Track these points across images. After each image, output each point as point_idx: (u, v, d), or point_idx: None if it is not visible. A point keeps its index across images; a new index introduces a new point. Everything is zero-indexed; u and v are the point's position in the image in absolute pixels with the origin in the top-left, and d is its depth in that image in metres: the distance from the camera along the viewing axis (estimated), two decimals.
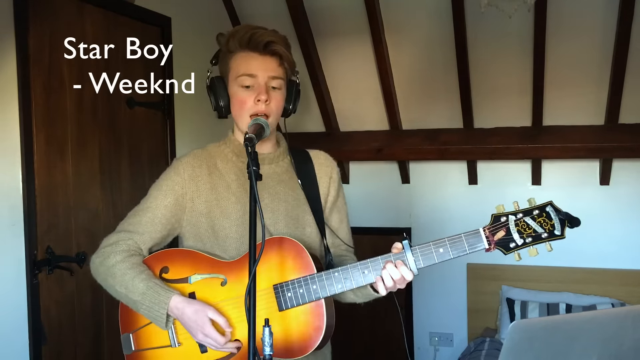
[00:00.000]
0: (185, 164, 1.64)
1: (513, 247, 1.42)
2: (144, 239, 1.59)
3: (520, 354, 1.15)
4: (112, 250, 1.58)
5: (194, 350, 1.55)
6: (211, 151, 1.69)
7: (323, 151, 1.79)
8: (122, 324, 1.64)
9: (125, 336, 1.62)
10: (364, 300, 1.62)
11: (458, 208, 4.04)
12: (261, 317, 1.45)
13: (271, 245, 1.51)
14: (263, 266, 1.51)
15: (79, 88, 2.66)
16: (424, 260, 1.45)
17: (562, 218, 1.39)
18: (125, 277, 1.53)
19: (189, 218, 1.62)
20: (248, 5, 3.74)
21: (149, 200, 1.63)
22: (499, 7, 2.86)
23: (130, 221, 1.62)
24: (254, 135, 1.44)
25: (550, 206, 1.40)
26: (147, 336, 1.59)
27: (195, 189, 1.62)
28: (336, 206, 1.75)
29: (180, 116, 3.29)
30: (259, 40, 1.54)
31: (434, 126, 3.93)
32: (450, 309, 4.18)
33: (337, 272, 1.48)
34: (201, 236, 1.61)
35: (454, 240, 1.44)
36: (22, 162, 2.39)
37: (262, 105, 1.56)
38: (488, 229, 1.43)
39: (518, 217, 1.41)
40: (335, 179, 1.75)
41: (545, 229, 1.40)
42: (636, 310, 1.19)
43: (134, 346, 1.61)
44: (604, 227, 3.81)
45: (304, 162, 1.72)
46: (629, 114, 3.54)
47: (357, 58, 3.77)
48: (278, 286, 1.50)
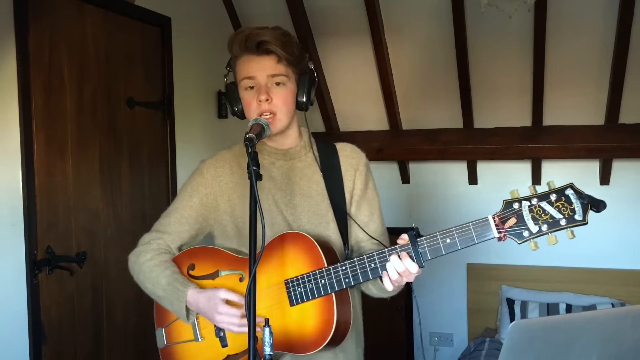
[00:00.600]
0: (208, 165, 1.70)
1: (527, 235, 1.30)
2: (172, 239, 1.67)
3: (520, 354, 1.15)
4: (144, 249, 1.67)
5: (215, 344, 1.60)
6: (236, 151, 1.73)
7: (351, 144, 1.76)
8: (156, 319, 1.72)
9: (159, 331, 1.70)
10: (385, 295, 1.61)
11: (458, 208, 4.04)
12: (274, 312, 1.52)
13: (284, 240, 1.54)
14: (276, 261, 1.54)
15: (79, 88, 2.66)
16: (431, 252, 1.40)
17: (585, 202, 1.27)
18: (152, 274, 1.62)
19: (215, 217, 1.68)
20: (248, 5, 3.74)
21: (177, 201, 1.71)
22: (499, 7, 2.86)
23: (161, 222, 1.71)
24: (254, 136, 1.44)
25: (571, 189, 1.29)
26: (176, 331, 1.67)
27: (218, 188, 1.67)
28: (365, 199, 1.71)
29: (180, 116, 3.29)
30: (253, 41, 1.56)
31: (434, 126, 3.93)
32: (450, 309, 4.18)
33: (344, 266, 1.48)
34: (228, 234, 1.67)
35: (462, 229, 1.36)
36: (22, 162, 2.39)
37: (264, 105, 1.57)
38: (498, 216, 1.33)
39: (533, 203, 1.29)
40: (363, 171, 1.71)
41: (564, 214, 1.27)
42: (636, 310, 1.19)
43: (165, 340, 1.68)
44: (604, 227, 3.81)
45: (330, 155, 1.70)
46: (629, 114, 3.54)
47: (357, 58, 3.77)
48: (289, 281, 1.52)
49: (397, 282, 1.46)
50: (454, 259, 4.02)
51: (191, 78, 3.41)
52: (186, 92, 3.36)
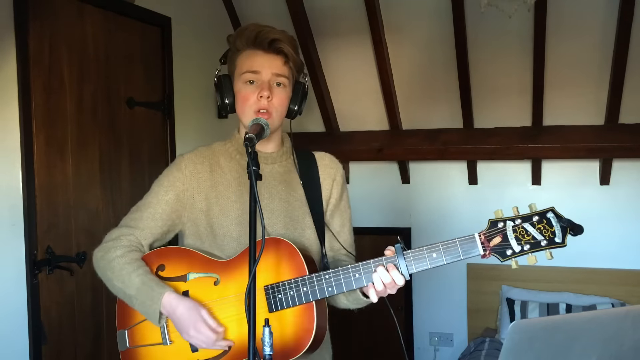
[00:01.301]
0: (187, 160, 1.66)
1: (510, 254, 1.36)
2: (144, 235, 1.61)
3: (520, 354, 1.15)
4: (113, 245, 1.60)
5: (184, 349, 1.54)
6: (215, 149, 1.70)
7: (329, 153, 1.77)
8: (118, 320, 1.65)
9: (121, 332, 1.63)
10: (356, 306, 1.61)
11: (458, 208, 4.04)
12: None
13: (265, 246, 1.50)
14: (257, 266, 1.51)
15: (79, 88, 2.67)
16: (417, 265, 1.41)
17: (564, 225, 1.33)
18: (122, 272, 1.55)
19: (189, 215, 1.63)
20: (248, 5, 3.74)
21: (150, 195, 1.65)
22: (499, 7, 2.86)
23: (132, 216, 1.64)
24: (254, 135, 1.44)
25: (552, 212, 1.34)
26: (141, 333, 1.60)
27: (196, 185, 1.63)
28: (339, 209, 1.72)
29: (180, 116, 3.29)
30: (264, 37, 1.55)
31: (434, 126, 3.93)
32: (450, 309, 4.18)
33: (328, 274, 1.46)
34: (200, 234, 1.62)
35: (448, 245, 1.39)
36: (22, 162, 2.39)
37: (264, 101, 1.55)
38: (484, 234, 1.37)
39: (516, 223, 1.35)
40: (339, 181, 1.72)
41: (545, 236, 1.34)
42: (636, 310, 1.19)
43: (128, 343, 1.62)
44: (604, 227, 3.81)
45: (308, 163, 1.70)
46: (629, 114, 3.54)
47: (357, 58, 3.77)
48: (269, 287, 1.49)
49: (381, 294, 1.47)
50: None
51: (191, 78, 3.41)
52: (186, 92, 3.36)
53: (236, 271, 1.52)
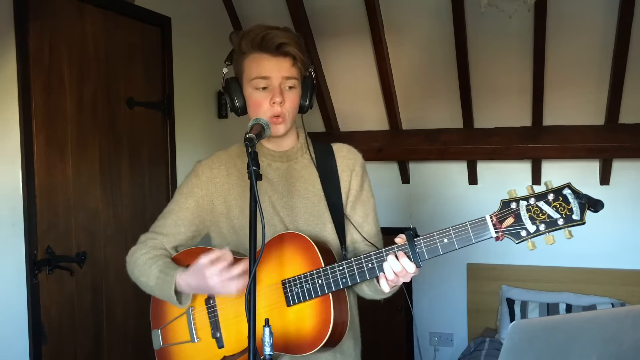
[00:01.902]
0: (204, 167, 1.70)
1: (525, 235, 1.30)
2: (168, 240, 1.67)
3: (520, 354, 1.15)
4: (140, 247, 1.68)
5: (211, 346, 1.60)
6: (233, 152, 1.72)
7: (347, 145, 1.76)
8: (152, 320, 1.71)
9: (155, 332, 1.68)
10: (380, 296, 1.60)
11: (458, 208, 4.04)
12: (271, 313, 1.51)
13: (282, 240, 1.54)
14: (274, 261, 1.54)
15: (79, 88, 2.66)
16: (428, 252, 1.40)
17: (582, 202, 1.26)
18: (145, 266, 1.62)
19: (211, 219, 1.68)
20: (248, 5, 3.74)
21: (173, 203, 1.71)
22: (499, 7, 2.86)
23: (157, 223, 1.71)
24: (254, 136, 1.44)
25: (568, 188, 1.28)
26: (173, 332, 1.66)
27: (213, 190, 1.67)
28: (360, 200, 1.70)
29: (180, 116, 3.29)
30: (271, 41, 1.54)
31: (434, 126, 3.93)
32: (450, 309, 4.18)
33: (342, 266, 1.47)
34: (224, 236, 1.67)
35: (459, 229, 1.36)
36: (22, 162, 2.39)
37: (277, 107, 1.56)
38: (495, 215, 1.32)
39: (530, 202, 1.29)
40: (359, 171, 1.71)
41: (561, 214, 1.27)
42: (636, 310, 1.19)
43: (161, 342, 1.67)
44: (604, 227, 3.81)
45: (326, 156, 1.70)
46: (629, 114, 3.54)
47: (357, 58, 3.77)
48: (286, 281, 1.52)
49: (394, 282, 1.46)
50: (454, 259, 4.03)
51: (191, 78, 3.41)
52: (186, 92, 3.36)
53: (261, 265, 1.54)
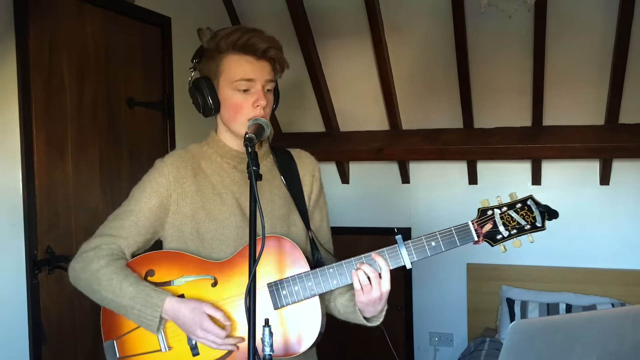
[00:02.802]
0: (169, 166, 1.61)
1: (500, 238, 1.47)
2: (127, 243, 1.56)
3: (520, 354, 1.15)
4: (94, 255, 1.53)
5: (185, 354, 1.51)
6: (194, 152, 1.66)
7: (304, 150, 1.76)
8: (104, 330, 1.59)
9: (109, 343, 1.57)
10: (350, 320, 1.61)
11: (458, 208, 4.03)
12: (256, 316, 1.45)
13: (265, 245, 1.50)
14: None
15: (79, 88, 2.67)
16: (417, 254, 1.47)
17: (542, 210, 1.45)
18: (112, 282, 1.50)
19: (172, 221, 1.58)
20: (248, 5, 3.74)
21: (132, 202, 1.59)
22: (499, 7, 2.86)
23: (112, 225, 1.57)
24: (254, 135, 1.44)
25: (531, 200, 1.47)
26: (133, 342, 1.54)
27: (180, 191, 1.58)
28: (318, 205, 1.73)
29: (180, 116, 3.29)
30: (257, 45, 1.53)
31: (434, 126, 3.93)
32: (450, 309, 4.18)
33: (332, 268, 1.48)
34: (185, 239, 1.57)
35: (445, 233, 1.48)
36: (22, 162, 2.39)
37: (260, 110, 1.55)
38: (476, 222, 1.48)
39: (503, 210, 1.47)
40: (318, 177, 1.73)
41: (527, 221, 1.46)
42: (636, 310, 1.19)
43: (118, 353, 1.56)
44: (604, 227, 3.81)
45: (287, 161, 1.70)
46: (629, 114, 3.54)
47: (357, 58, 3.77)
48: (272, 284, 1.50)
49: (367, 292, 1.46)
50: (454, 259, 4.03)
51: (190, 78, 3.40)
52: (186, 92, 3.34)
53: (233, 271, 1.51)
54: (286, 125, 4.23)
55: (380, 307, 1.52)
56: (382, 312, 1.55)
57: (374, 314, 1.55)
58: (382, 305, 1.51)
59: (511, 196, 1.48)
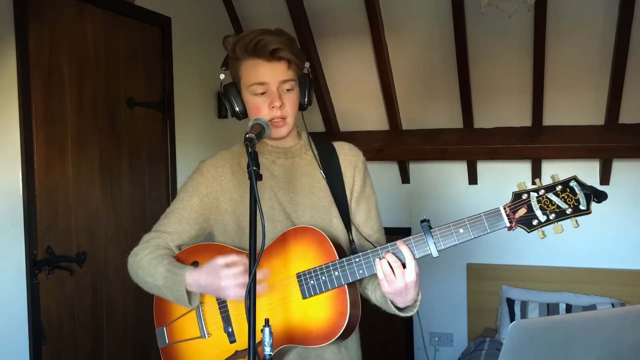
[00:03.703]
0: (208, 165, 1.71)
1: (536, 224, 1.38)
2: (172, 238, 1.67)
3: (520, 354, 1.15)
4: (142, 247, 1.67)
5: (223, 341, 1.60)
6: (235, 151, 1.74)
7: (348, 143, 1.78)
8: (156, 318, 1.71)
9: (160, 330, 1.68)
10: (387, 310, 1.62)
11: (458, 208, 4.04)
12: (285, 306, 1.53)
13: (293, 235, 1.56)
14: (286, 255, 1.55)
15: (79, 88, 2.67)
16: (444, 242, 1.44)
17: (588, 192, 1.35)
18: (150, 266, 1.61)
19: (216, 217, 1.69)
20: (248, 5, 3.74)
21: (177, 201, 1.71)
22: (499, 7, 2.86)
23: (160, 222, 1.71)
24: (254, 135, 1.45)
25: (574, 181, 1.37)
26: (180, 329, 1.66)
27: (219, 188, 1.68)
28: (363, 196, 1.73)
29: (180, 116, 3.29)
30: (265, 47, 1.55)
31: (434, 126, 3.93)
32: (450, 309, 4.18)
33: (358, 257, 1.50)
34: (228, 233, 1.67)
35: (474, 220, 1.42)
36: (22, 162, 2.39)
37: (277, 112, 1.58)
38: (509, 206, 1.40)
39: (540, 194, 1.38)
40: (361, 168, 1.73)
41: (569, 205, 1.36)
42: (636, 310, 1.19)
43: (167, 339, 1.67)
44: (604, 227, 3.81)
45: (328, 154, 1.73)
46: (629, 114, 3.54)
47: (357, 58, 3.77)
48: (301, 274, 1.53)
49: (391, 282, 1.46)
50: (454, 259, 4.03)
51: (191, 78, 3.41)
52: (186, 92, 3.36)
53: (270, 260, 1.56)
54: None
55: (410, 297, 1.51)
56: (417, 302, 1.55)
57: (406, 304, 1.54)
58: (411, 295, 1.50)
59: (552, 178, 1.39)
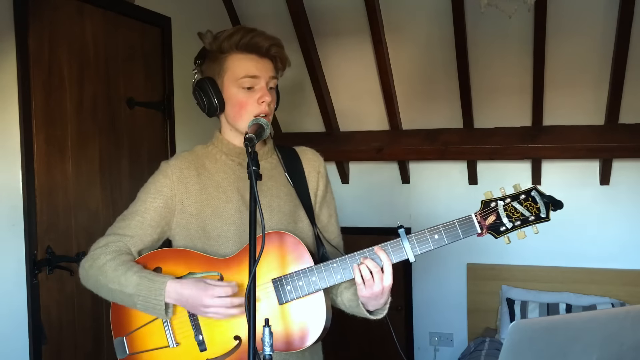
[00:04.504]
0: (173, 167, 1.64)
1: (503, 230, 1.46)
2: (134, 242, 1.59)
3: (520, 354, 1.15)
4: (101, 251, 1.57)
5: (192, 349, 1.53)
6: (199, 152, 1.69)
7: (309, 148, 1.78)
8: (114, 328, 1.62)
9: (119, 340, 1.60)
10: (355, 313, 1.62)
11: (458, 208, 4.01)
12: (261, 312, 1.48)
13: (267, 240, 1.51)
14: (261, 261, 1.50)
15: (79, 88, 2.67)
16: (420, 247, 1.47)
17: (546, 201, 1.44)
18: (116, 273, 1.52)
19: (178, 220, 1.62)
20: (248, 5, 3.74)
21: (138, 203, 1.63)
22: (499, 7, 2.86)
23: (119, 225, 1.62)
24: (254, 135, 1.45)
25: (535, 190, 1.46)
26: (142, 338, 1.57)
27: (184, 190, 1.61)
28: (325, 201, 1.75)
29: (180, 116, 3.29)
30: (259, 44, 1.56)
31: (434, 126, 3.93)
32: (450, 309, 4.18)
33: (335, 262, 1.50)
34: (192, 237, 1.61)
35: (448, 226, 1.48)
36: (22, 162, 2.39)
37: (265, 107, 1.57)
38: (480, 214, 1.47)
39: (506, 202, 1.46)
40: (323, 173, 1.75)
41: (532, 212, 1.45)
42: (636, 310, 1.19)
43: (128, 350, 1.58)
44: (604, 227, 3.81)
45: (292, 158, 1.72)
46: (629, 114, 3.54)
47: (357, 58, 3.77)
48: (277, 280, 1.51)
49: (368, 286, 1.47)
50: (454, 259, 4.03)
51: (191, 78, 3.39)
52: (186, 92, 3.34)
53: (239, 267, 1.53)
54: (286, 125, 4.23)
55: (383, 301, 1.53)
56: (386, 305, 1.57)
57: (377, 307, 1.56)
58: (384, 298, 1.52)
59: (515, 187, 1.47)
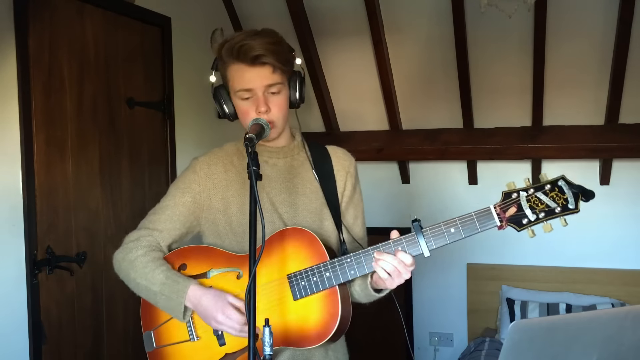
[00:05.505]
0: (201, 163, 1.69)
1: (526, 223, 1.39)
2: (163, 236, 1.65)
3: (520, 354, 1.15)
4: (134, 245, 1.63)
5: (212, 344, 1.59)
6: (228, 149, 1.73)
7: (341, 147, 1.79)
8: (143, 322, 1.69)
9: (147, 334, 1.67)
10: (367, 300, 1.64)
11: (458, 208, 4.02)
12: (276, 308, 1.52)
13: (284, 236, 1.55)
14: (277, 256, 1.55)
15: (79, 88, 2.66)
16: (435, 241, 1.44)
17: (576, 191, 1.36)
18: (145, 269, 1.59)
19: (207, 215, 1.67)
20: (248, 5, 3.74)
21: (168, 198, 1.68)
22: (499, 7, 2.87)
23: (150, 219, 1.68)
24: (254, 135, 1.45)
25: (563, 180, 1.38)
26: (168, 332, 1.64)
27: (211, 186, 1.66)
28: (352, 202, 1.74)
29: (180, 116, 3.29)
30: (247, 53, 1.53)
31: (434, 126, 3.93)
32: (450, 309, 4.18)
33: (349, 258, 1.50)
34: (219, 232, 1.65)
35: (465, 219, 1.43)
36: (22, 162, 2.39)
37: (263, 116, 1.57)
38: (499, 206, 1.41)
39: (530, 193, 1.39)
40: (353, 173, 1.75)
41: (558, 204, 1.37)
42: (636, 310, 1.19)
43: (155, 343, 1.66)
44: (604, 227, 3.81)
45: (322, 156, 1.73)
46: (629, 114, 3.54)
47: (357, 58, 3.77)
48: (292, 275, 1.53)
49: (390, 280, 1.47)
50: (454, 259, 4.03)
51: (191, 78, 3.41)
52: (186, 92, 3.36)
53: (261, 261, 1.54)
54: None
55: None
56: None
57: None
58: None
59: (541, 177, 1.40)
